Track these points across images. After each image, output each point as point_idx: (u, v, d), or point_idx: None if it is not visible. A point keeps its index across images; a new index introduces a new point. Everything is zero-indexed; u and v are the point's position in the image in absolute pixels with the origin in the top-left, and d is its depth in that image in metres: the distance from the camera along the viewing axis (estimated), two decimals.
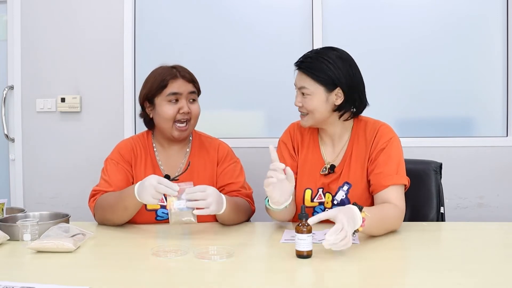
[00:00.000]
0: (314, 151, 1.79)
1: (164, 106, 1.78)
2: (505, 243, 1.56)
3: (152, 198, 1.52)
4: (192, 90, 1.81)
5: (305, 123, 1.72)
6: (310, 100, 1.66)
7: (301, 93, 1.68)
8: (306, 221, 1.33)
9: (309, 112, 1.68)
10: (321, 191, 1.74)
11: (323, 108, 1.67)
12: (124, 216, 1.70)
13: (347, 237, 1.29)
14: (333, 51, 1.69)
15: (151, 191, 1.51)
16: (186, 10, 2.91)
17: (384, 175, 1.64)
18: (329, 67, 1.64)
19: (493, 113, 2.77)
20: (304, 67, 1.66)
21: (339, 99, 1.67)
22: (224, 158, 1.90)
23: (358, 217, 1.38)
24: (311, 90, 1.65)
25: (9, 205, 1.98)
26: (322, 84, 1.64)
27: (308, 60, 1.67)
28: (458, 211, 2.73)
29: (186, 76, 1.81)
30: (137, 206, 1.66)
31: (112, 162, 1.85)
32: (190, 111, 1.80)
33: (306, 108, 1.67)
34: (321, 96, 1.65)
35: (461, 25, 2.76)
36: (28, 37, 2.95)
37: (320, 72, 1.64)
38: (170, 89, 1.78)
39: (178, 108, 1.78)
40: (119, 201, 1.67)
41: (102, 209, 1.73)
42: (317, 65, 1.65)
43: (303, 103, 1.68)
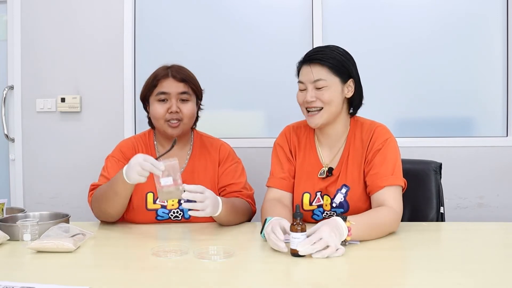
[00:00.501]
0: (311, 154, 1.77)
1: (154, 105, 1.80)
2: (505, 243, 1.56)
3: (138, 175, 1.52)
4: (183, 90, 1.80)
5: (318, 121, 1.67)
6: (327, 91, 1.64)
7: (315, 87, 1.65)
8: (301, 220, 1.34)
9: (324, 106, 1.65)
10: (319, 195, 1.73)
11: (339, 100, 1.67)
12: (116, 203, 1.68)
13: (331, 247, 1.31)
14: (337, 47, 1.71)
15: (137, 168, 1.52)
16: (186, 10, 2.91)
17: (380, 176, 1.63)
18: (342, 58, 1.66)
19: (493, 113, 2.77)
20: (319, 58, 1.65)
21: (350, 91, 1.69)
22: (226, 159, 1.90)
23: (343, 228, 1.38)
24: (328, 81, 1.64)
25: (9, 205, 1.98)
26: (338, 74, 1.65)
27: (321, 52, 1.67)
28: (458, 211, 2.73)
29: (177, 76, 1.80)
30: (127, 190, 1.64)
31: (112, 159, 1.85)
32: (180, 111, 1.79)
33: (323, 100, 1.64)
34: (337, 87, 1.65)
35: (461, 25, 2.76)
36: (28, 37, 2.95)
37: (336, 61, 1.65)
38: (159, 89, 1.79)
39: (167, 108, 1.78)
40: (110, 187, 1.67)
41: (97, 201, 1.73)
42: (332, 55, 1.65)
43: (318, 96, 1.64)
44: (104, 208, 1.71)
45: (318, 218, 1.76)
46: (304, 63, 1.69)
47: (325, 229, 1.34)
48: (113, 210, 1.71)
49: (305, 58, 1.69)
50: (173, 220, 1.81)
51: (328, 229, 1.34)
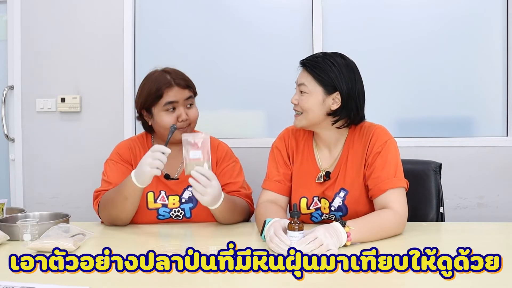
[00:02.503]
0: (308, 158, 1.76)
1: (162, 116, 1.77)
2: (505, 243, 1.56)
3: (150, 167, 1.53)
4: (188, 95, 1.80)
5: (298, 123, 1.70)
6: (307, 98, 1.65)
7: (300, 91, 1.67)
8: (298, 218, 1.35)
9: (303, 112, 1.66)
10: (316, 199, 1.73)
11: (318, 110, 1.65)
12: (126, 208, 1.68)
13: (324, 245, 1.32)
14: (342, 58, 1.68)
15: (148, 160, 1.53)
16: (186, 10, 2.91)
17: (382, 179, 1.61)
18: (332, 69, 1.63)
19: (493, 113, 2.77)
20: (308, 64, 1.66)
21: (335, 104, 1.64)
22: (223, 158, 1.89)
23: (341, 232, 1.39)
24: (310, 88, 1.64)
25: (9, 205, 1.98)
26: (321, 84, 1.63)
27: (314, 59, 1.67)
28: (458, 211, 2.73)
29: (181, 83, 1.78)
30: (137, 194, 1.65)
31: (111, 163, 1.85)
32: (189, 117, 1.79)
33: (301, 106, 1.66)
34: (318, 97, 1.64)
35: (461, 24, 2.76)
36: (28, 37, 2.95)
37: (322, 72, 1.63)
38: (166, 99, 1.76)
39: (176, 116, 1.76)
40: (118, 193, 1.67)
41: (105, 207, 1.73)
42: (321, 65, 1.64)
43: (299, 101, 1.66)
44: (116, 214, 1.71)
45: (317, 220, 1.76)
46: (300, 64, 1.71)
47: (320, 229, 1.36)
48: (124, 215, 1.71)
49: (300, 61, 1.70)
50: (174, 219, 1.81)
51: (323, 229, 1.36)
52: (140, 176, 1.57)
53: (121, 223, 1.75)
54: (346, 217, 1.66)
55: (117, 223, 1.75)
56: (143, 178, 1.57)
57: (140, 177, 1.57)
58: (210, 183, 1.54)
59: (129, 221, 1.75)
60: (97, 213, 1.78)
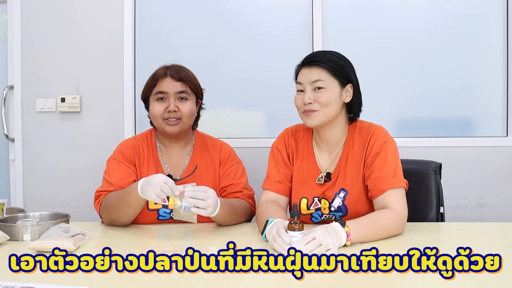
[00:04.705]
0: (309, 159, 1.76)
1: (153, 104, 1.82)
2: (505, 243, 1.56)
3: (156, 196, 1.53)
4: (180, 89, 1.81)
5: (313, 121, 1.65)
6: (325, 93, 1.63)
7: (313, 88, 1.64)
8: (298, 218, 1.36)
9: (321, 108, 1.63)
10: (316, 200, 1.73)
11: (336, 103, 1.65)
12: (129, 213, 1.70)
13: (323, 245, 1.32)
14: (336, 52, 1.71)
15: (157, 189, 1.52)
16: (186, 10, 2.91)
17: (382, 180, 1.61)
18: (341, 61, 1.66)
19: (493, 113, 2.77)
20: (319, 60, 1.65)
21: (348, 96, 1.67)
22: (227, 159, 1.90)
23: (341, 232, 1.39)
24: (327, 83, 1.63)
25: (9, 205, 1.99)
26: (337, 77, 1.64)
27: (320, 55, 1.67)
28: (458, 211, 2.73)
29: (175, 75, 1.81)
30: (140, 203, 1.66)
31: (113, 162, 1.85)
32: (179, 109, 1.80)
33: (320, 102, 1.63)
34: (336, 90, 1.64)
35: (461, 25, 2.76)
36: (28, 37, 2.95)
37: (336, 64, 1.65)
38: (158, 88, 1.81)
39: (165, 107, 1.80)
40: (122, 198, 1.67)
41: (107, 210, 1.73)
42: (331, 59, 1.65)
43: (316, 98, 1.63)
44: (117, 217, 1.72)
45: (317, 221, 1.76)
46: (304, 65, 1.68)
47: (319, 229, 1.36)
48: (126, 219, 1.73)
49: (304, 61, 1.69)
50: (174, 220, 1.81)
51: (323, 230, 1.36)
52: (145, 194, 1.57)
53: (121, 225, 1.76)
54: (346, 218, 1.66)
55: (117, 224, 1.76)
56: (147, 197, 1.58)
57: (145, 194, 1.58)
58: (207, 194, 1.55)
59: (129, 223, 1.77)
60: (98, 213, 1.78)
